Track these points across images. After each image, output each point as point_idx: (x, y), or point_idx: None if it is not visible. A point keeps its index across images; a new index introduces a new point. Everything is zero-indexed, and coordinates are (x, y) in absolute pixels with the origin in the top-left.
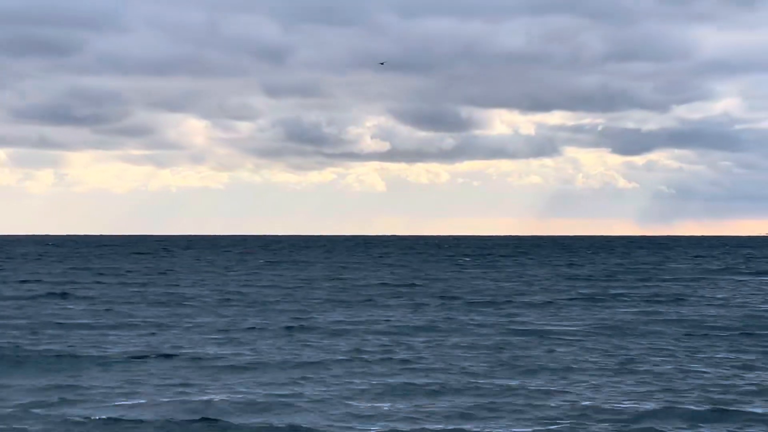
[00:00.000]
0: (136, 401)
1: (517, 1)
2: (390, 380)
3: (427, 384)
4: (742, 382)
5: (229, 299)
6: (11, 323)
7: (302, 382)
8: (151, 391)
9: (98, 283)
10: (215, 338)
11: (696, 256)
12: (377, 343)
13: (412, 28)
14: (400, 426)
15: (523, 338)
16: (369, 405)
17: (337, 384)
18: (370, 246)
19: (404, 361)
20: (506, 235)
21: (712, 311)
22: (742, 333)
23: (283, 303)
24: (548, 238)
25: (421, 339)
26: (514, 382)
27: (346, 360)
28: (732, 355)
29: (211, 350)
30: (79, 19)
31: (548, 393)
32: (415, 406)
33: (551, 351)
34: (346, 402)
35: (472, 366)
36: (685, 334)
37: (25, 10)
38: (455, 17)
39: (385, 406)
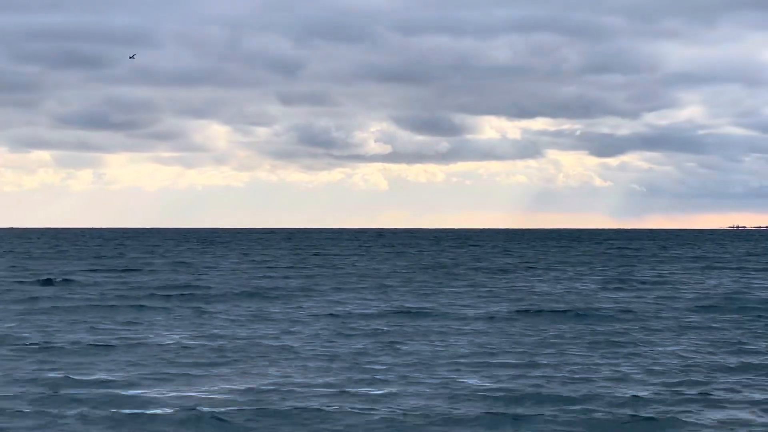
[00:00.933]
0: (201, 388)
1: (504, 20)
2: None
3: (428, 363)
4: (724, 363)
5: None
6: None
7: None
8: (212, 375)
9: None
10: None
11: (665, 246)
12: (399, 324)
13: (411, 44)
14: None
15: (522, 319)
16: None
17: (349, 368)
18: (378, 237)
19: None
20: (496, 228)
21: (690, 294)
22: (717, 314)
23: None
24: (533, 231)
25: (426, 322)
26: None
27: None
28: (711, 335)
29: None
30: (114, 36)
31: (540, 375)
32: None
33: (541, 333)
34: (357, 386)
35: (476, 347)
36: (665, 315)
37: (67, 27)
38: (449, 34)
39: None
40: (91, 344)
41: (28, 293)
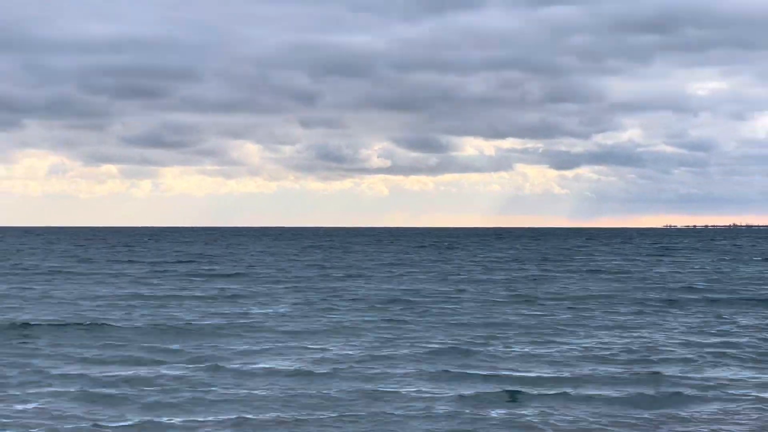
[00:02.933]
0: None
1: (480, 61)
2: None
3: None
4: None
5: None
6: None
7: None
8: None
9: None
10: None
11: (614, 242)
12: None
13: (406, 79)
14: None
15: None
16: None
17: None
18: (385, 235)
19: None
20: (475, 227)
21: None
22: (667, 302)
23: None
24: (504, 229)
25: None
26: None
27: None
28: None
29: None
30: (168, 72)
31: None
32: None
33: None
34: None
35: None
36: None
37: (130, 65)
38: (436, 71)
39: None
40: None
41: None
